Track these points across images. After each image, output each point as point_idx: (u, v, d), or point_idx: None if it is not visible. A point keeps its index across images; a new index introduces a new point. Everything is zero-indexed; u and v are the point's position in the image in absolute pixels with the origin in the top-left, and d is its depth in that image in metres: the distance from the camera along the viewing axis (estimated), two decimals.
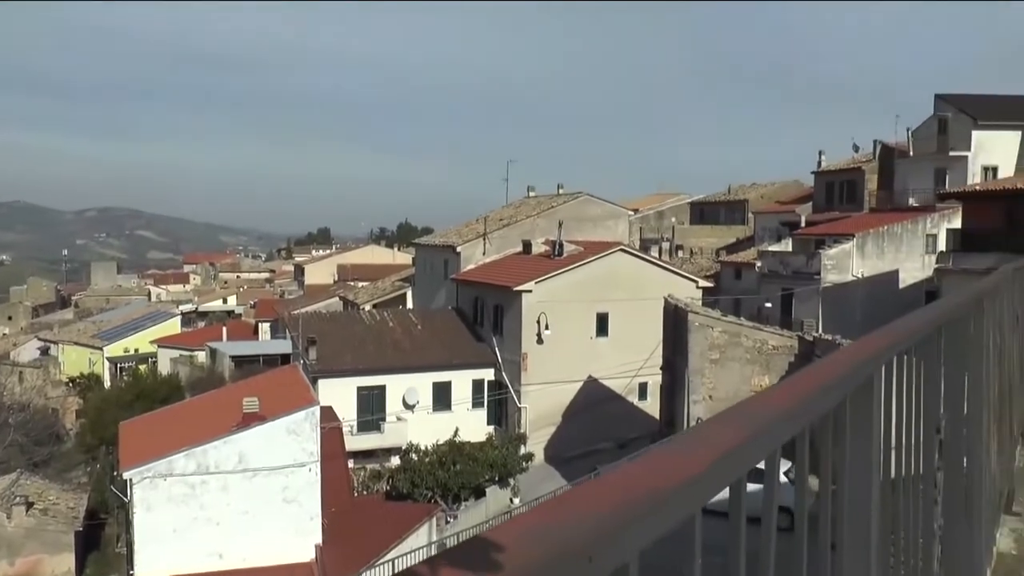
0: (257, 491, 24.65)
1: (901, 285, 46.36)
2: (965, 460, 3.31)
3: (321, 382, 38.92)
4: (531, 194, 62.49)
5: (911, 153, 60.17)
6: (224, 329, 73.69)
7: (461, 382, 42.91)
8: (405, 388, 41.57)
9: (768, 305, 45.99)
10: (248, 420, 25.32)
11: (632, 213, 65.94)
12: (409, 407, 41.41)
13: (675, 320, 33.83)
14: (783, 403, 1.37)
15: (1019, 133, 57.47)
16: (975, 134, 56.89)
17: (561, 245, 44.83)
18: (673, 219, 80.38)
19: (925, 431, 2.54)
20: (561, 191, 59.51)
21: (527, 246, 48.37)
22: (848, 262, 47.93)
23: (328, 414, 31.54)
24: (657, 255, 56.70)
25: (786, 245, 55.78)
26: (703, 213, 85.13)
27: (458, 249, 50.42)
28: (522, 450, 38.53)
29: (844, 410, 1.67)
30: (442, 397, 42.30)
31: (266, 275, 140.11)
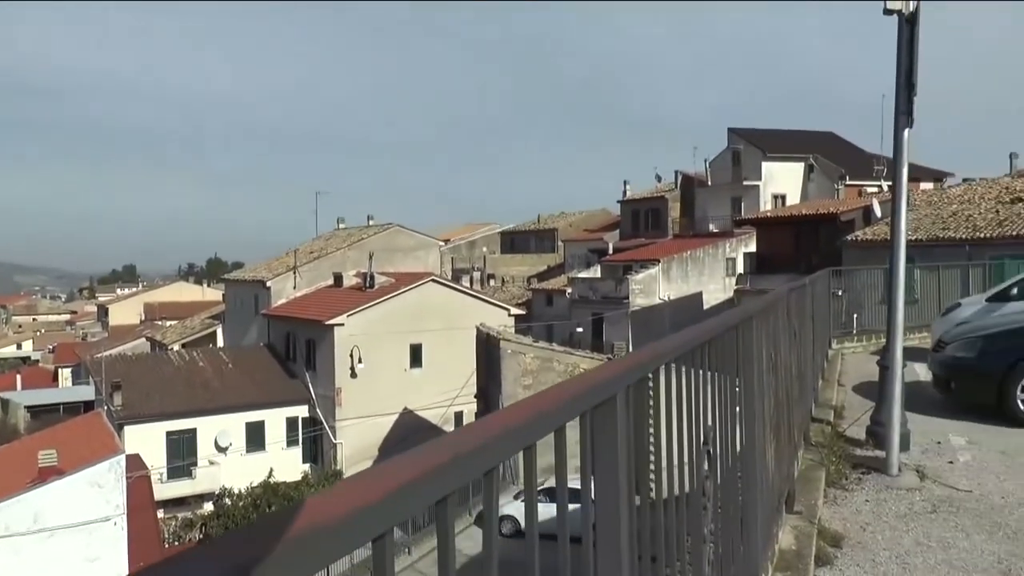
0: (56, 552, 23.06)
1: (705, 306, 48.44)
2: (740, 466, 3.49)
3: (127, 429, 37.02)
4: (341, 226, 61.88)
5: (709, 183, 63.24)
6: (18, 376, 69.04)
7: (275, 421, 41.77)
8: (217, 430, 40.08)
9: (580, 330, 47.12)
10: (45, 475, 23.74)
11: (443, 243, 66.25)
12: (222, 450, 39.93)
13: (488, 348, 34.14)
14: (523, 414, 1.40)
15: (803, 164, 61.42)
16: (765, 165, 60.37)
17: (372, 277, 44.53)
18: (484, 249, 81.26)
19: (693, 441, 2.64)
20: (371, 222, 59.23)
21: (338, 279, 47.79)
22: (655, 286, 49.71)
23: (135, 462, 30.00)
24: (469, 285, 57.12)
25: (595, 271, 57.32)
26: (514, 242, 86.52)
27: (268, 284, 49.28)
28: None
29: (587, 422, 1.72)
30: (256, 437, 41.00)
31: (67, 317, 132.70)
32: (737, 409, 3.45)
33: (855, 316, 19.00)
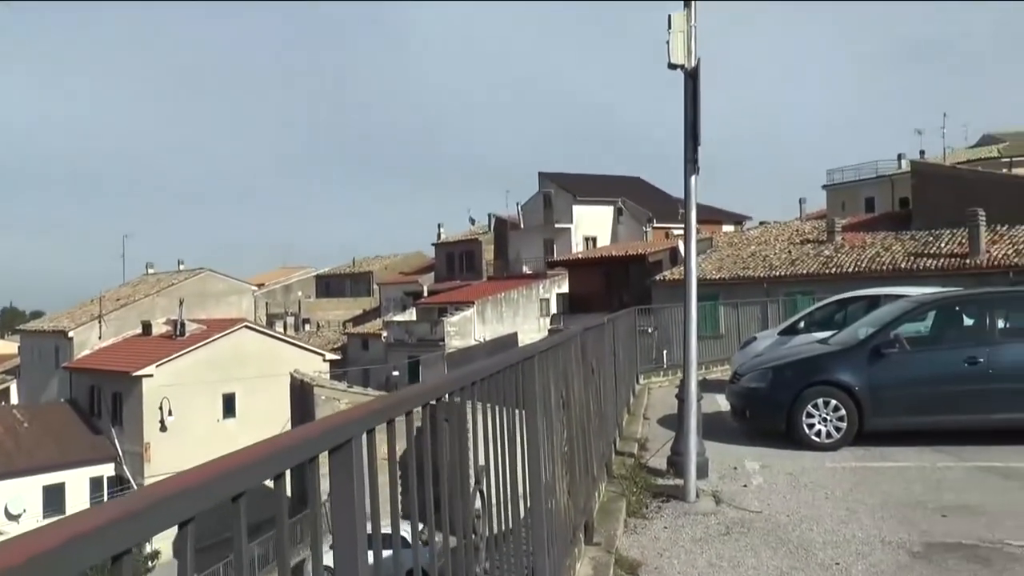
0: None
1: (520, 346, 49.14)
2: (526, 501, 3.64)
3: None
4: (150, 271, 59.62)
5: (522, 225, 64.56)
6: None
7: (77, 482, 39.49)
8: (8, 497, 37.45)
9: (396, 373, 46.90)
10: None
11: (257, 288, 64.92)
12: (14, 518, 37.28)
13: (302, 395, 33.59)
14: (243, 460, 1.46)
15: (612, 208, 63.62)
16: (576, 208, 62.15)
17: (183, 324, 43.07)
18: (300, 293, 79.93)
19: (458, 481, 2.73)
20: (182, 267, 57.40)
21: (147, 327, 45.95)
22: (470, 327, 50.11)
23: None
24: (283, 330, 56.05)
25: (411, 314, 57.30)
26: (329, 286, 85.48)
27: (70, 334, 46.87)
28: (147, 548, 36.03)
29: (315, 465, 1.77)
30: (54, 502, 38.51)
31: None
32: (521, 446, 3.60)
33: (664, 351, 19.78)
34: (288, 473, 1.62)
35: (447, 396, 2.67)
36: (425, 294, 63.28)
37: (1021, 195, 36.73)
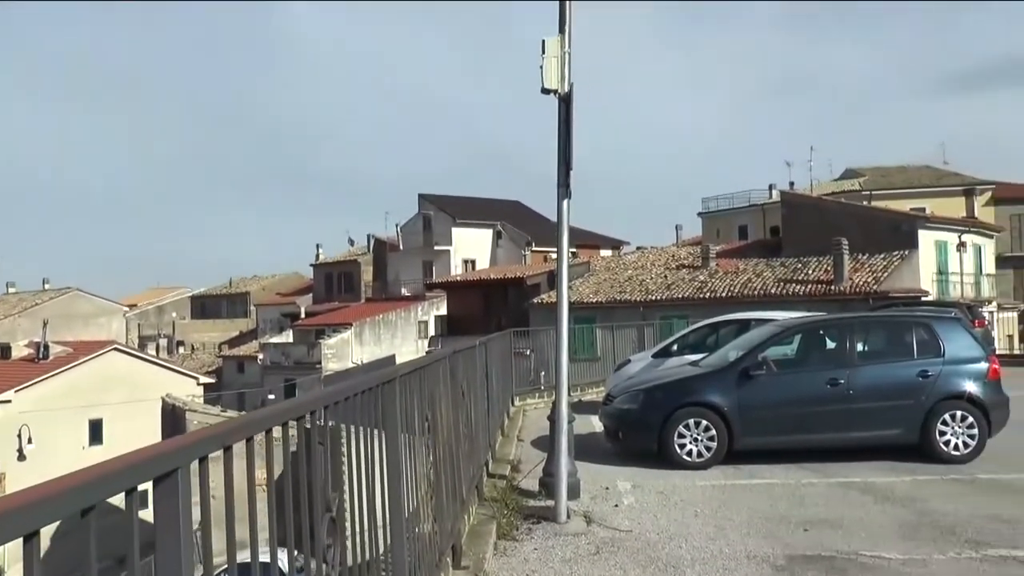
0: None
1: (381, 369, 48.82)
2: (387, 529, 3.56)
3: None
4: (11, 290, 57.09)
5: (401, 247, 64.30)
6: None
7: None
8: None
9: (271, 396, 45.90)
10: None
11: (128, 309, 62.79)
12: None
13: (173, 420, 32.51)
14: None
15: (491, 231, 63.97)
16: (455, 231, 62.27)
17: (47, 346, 41.24)
18: (174, 314, 77.71)
19: (305, 509, 2.63)
20: (47, 286, 55.13)
21: (6, 350, 43.80)
22: (347, 349, 49.55)
23: None
24: (156, 352, 54.32)
25: (288, 336, 56.37)
26: (205, 307, 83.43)
27: None
28: None
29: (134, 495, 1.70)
30: None
31: None
32: (380, 470, 3.52)
33: (542, 373, 19.89)
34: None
35: (293, 421, 2.58)
36: (303, 315, 62.37)
37: (879, 226, 38.52)
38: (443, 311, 50.41)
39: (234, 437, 2.11)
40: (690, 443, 10.69)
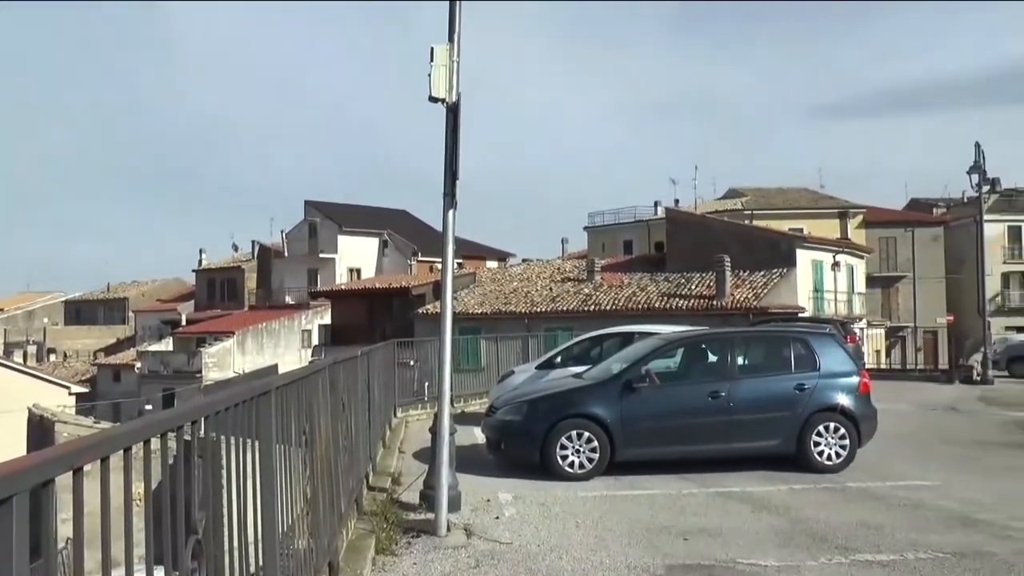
0: None
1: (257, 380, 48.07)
2: (259, 546, 3.41)
3: None
4: None
5: (286, 254, 63.28)
6: None
7: None
8: None
9: (149, 407, 44.46)
10: None
11: None
12: None
13: (41, 432, 31.12)
14: None
15: (378, 239, 63.51)
16: (341, 239, 61.63)
17: None
18: (46, 320, 74.67)
19: (168, 533, 2.48)
20: None
21: None
22: (229, 358, 48.44)
23: None
24: (23, 360, 52.01)
25: (167, 344, 54.78)
26: (80, 312, 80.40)
27: None
28: None
29: None
30: None
31: None
32: (254, 486, 3.37)
33: (426, 384, 19.72)
34: None
35: (155, 439, 2.41)
36: (183, 323, 60.69)
37: (760, 244, 39.70)
38: (327, 320, 49.76)
39: (82, 458, 1.94)
40: (572, 454, 10.72)
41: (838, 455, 11.25)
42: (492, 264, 61.88)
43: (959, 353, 35.26)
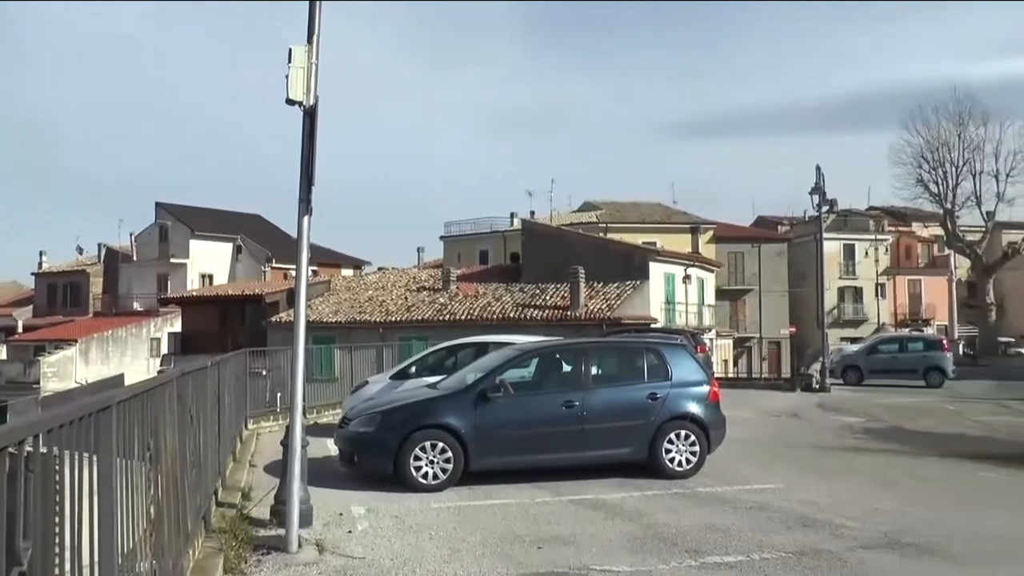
0: None
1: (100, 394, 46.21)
2: (95, 573, 3.21)
3: None
4: None
5: (135, 258, 61.04)
6: None
7: None
8: None
9: None
10: None
11: None
12: None
13: None
14: None
15: (231, 244, 61.93)
16: (193, 243, 59.85)
17: None
18: None
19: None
20: None
21: None
22: (71, 368, 46.32)
23: None
24: None
25: (1, 352, 51.95)
26: None
27: None
28: None
29: None
30: None
31: None
32: (91, 509, 3.18)
33: (279, 395, 19.28)
34: None
35: None
36: (20, 329, 57.65)
37: (614, 257, 40.56)
38: (178, 328, 48.14)
39: None
40: (426, 465, 10.65)
41: (688, 461, 11.60)
42: (347, 272, 61.15)
43: (800, 362, 36.92)
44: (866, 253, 68.77)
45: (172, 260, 59.45)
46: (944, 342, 35.44)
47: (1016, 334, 69.80)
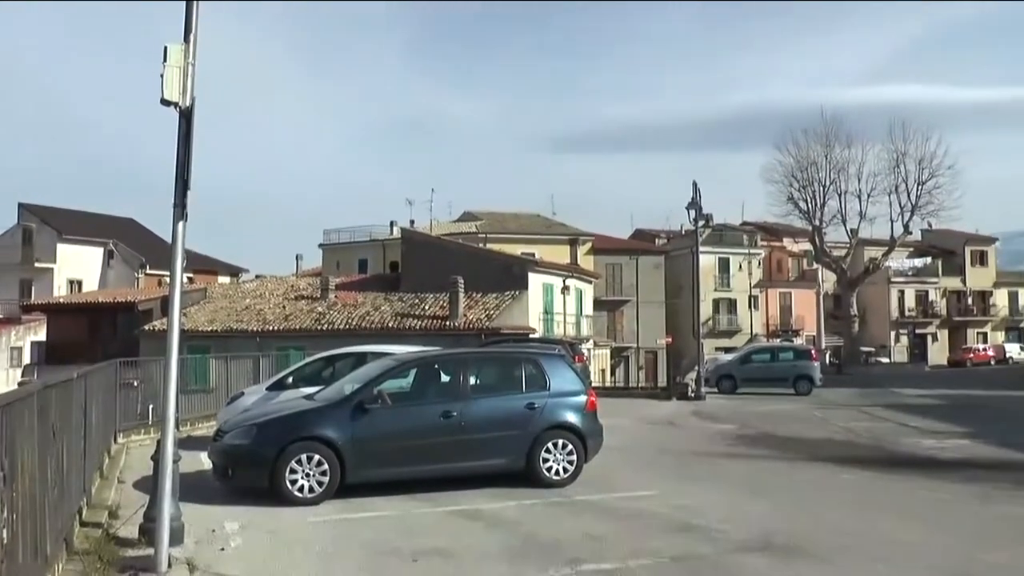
0: None
1: None
2: None
3: None
4: None
5: None
6: None
7: None
8: None
9: None
10: None
11: None
12: None
13: None
14: None
15: (102, 249, 59.80)
16: (60, 247, 57.61)
17: None
18: None
19: None
20: None
21: None
22: None
23: None
24: None
25: None
26: None
27: None
28: None
29: None
30: None
31: None
32: None
33: (151, 407, 18.69)
34: None
35: None
36: None
37: (493, 267, 40.78)
38: (42, 337, 46.09)
39: None
40: (302, 479, 10.45)
41: (566, 470, 11.73)
42: (224, 279, 59.79)
43: (676, 372, 37.79)
44: (740, 266, 71.11)
45: (37, 264, 57.05)
46: (812, 352, 36.82)
47: (876, 344, 73.33)
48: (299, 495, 10.39)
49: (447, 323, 36.35)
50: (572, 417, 11.99)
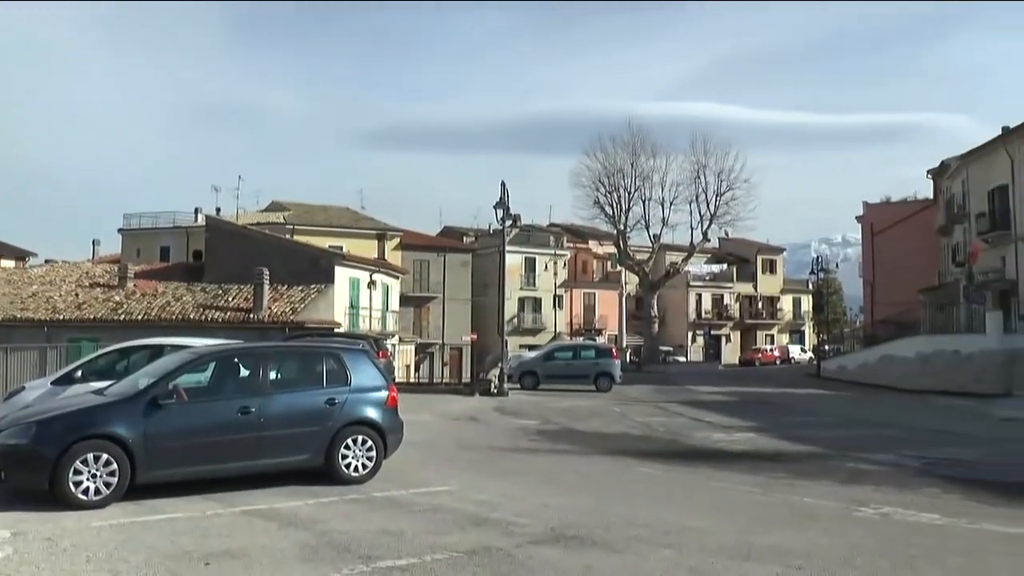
0: None
1: None
2: None
3: None
4: None
5: None
6: None
7: None
8: None
9: None
10: None
11: None
12: None
13: None
14: None
15: None
16: None
17: None
18: None
19: None
20: None
21: None
22: None
23: None
24: None
25: None
26: None
27: None
28: None
29: None
30: None
31: None
32: None
33: None
34: None
35: None
36: None
37: (300, 259, 40.08)
38: None
39: None
40: (88, 480, 9.89)
41: (365, 466, 11.72)
42: (9, 263, 55.98)
43: (480, 368, 38.21)
44: (546, 266, 72.82)
45: None
46: (613, 350, 38.09)
47: (675, 343, 76.93)
48: (84, 498, 9.81)
49: (251, 316, 35.46)
50: (372, 412, 11.96)
